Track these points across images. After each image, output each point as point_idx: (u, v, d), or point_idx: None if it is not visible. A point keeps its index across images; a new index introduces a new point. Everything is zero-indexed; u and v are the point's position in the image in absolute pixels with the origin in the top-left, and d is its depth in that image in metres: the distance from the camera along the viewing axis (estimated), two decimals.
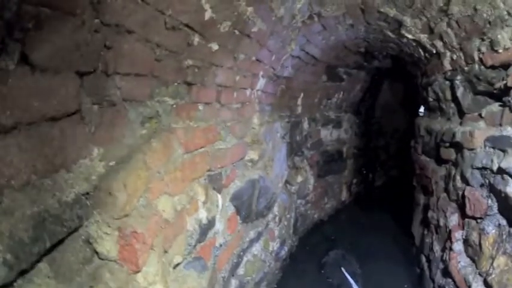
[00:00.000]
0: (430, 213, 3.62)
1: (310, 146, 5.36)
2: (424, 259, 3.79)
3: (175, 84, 1.88)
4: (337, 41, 4.11)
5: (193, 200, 2.09)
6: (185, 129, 1.97)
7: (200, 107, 2.19)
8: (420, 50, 3.52)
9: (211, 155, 2.33)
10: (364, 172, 7.72)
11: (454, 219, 2.85)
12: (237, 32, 2.23)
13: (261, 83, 3.19)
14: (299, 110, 4.82)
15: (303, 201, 5.27)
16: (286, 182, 4.54)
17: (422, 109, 5.16)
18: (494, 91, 2.31)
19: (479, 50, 2.35)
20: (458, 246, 2.67)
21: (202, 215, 2.19)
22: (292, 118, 4.58)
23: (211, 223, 2.33)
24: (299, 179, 4.99)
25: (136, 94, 1.60)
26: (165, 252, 1.76)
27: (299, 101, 4.75)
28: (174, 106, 1.90)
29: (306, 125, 5.16)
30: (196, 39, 1.87)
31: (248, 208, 3.00)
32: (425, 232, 3.84)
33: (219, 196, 2.46)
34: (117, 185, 1.35)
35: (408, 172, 5.13)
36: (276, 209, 3.85)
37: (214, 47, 2.08)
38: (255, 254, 3.31)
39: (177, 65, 1.85)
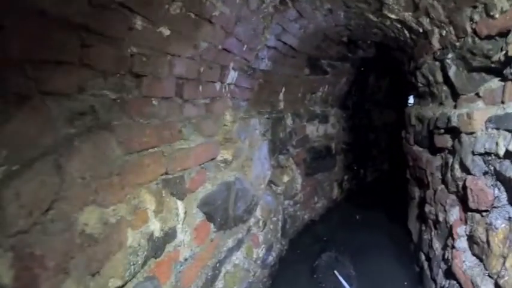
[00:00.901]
0: (427, 208, 3.33)
1: (295, 143, 5.07)
2: (423, 257, 3.52)
3: (118, 75, 1.57)
4: (317, 29, 3.87)
5: (139, 210, 1.75)
6: (129, 126, 1.64)
7: (155, 102, 1.87)
8: (405, 32, 3.29)
9: (168, 156, 1.99)
10: (355, 168, 7.49)
11: (454, 213, 2.56)
12: (193, 16, 1.93)
13: (233, 76, 2.88)
14: (281, 105, 4.54)
15: (291, 202, 4.99)
16: (271, 182, 4.24)
17: (411, 99, 4.97)
18: (492, 65, 2.02)
19: (471, 19, 2.06)
20: (461, 243, 2.37)
21: (154, 226, 1.85)
22: (273, 114, 4.28)
23: (169, 235, 2.01)
24: (285, 178, 4.70)
25: (60, 86, 1.29)
26: (93, 275, 1.44)
27: (281, 96, 4.47)
28: (118, 101, 1.58)
29: (289, 121, 4.86)
30: (138, 22, 1.57)
31: (224, 214, 2.68)
32: (423, 228, 3.58)
33: (180, 203, 2.12)
34: (8, 194, 1.04)
35: (400, 165, 4.96)
36: (258, 212, 3.52)
37: (165, 32, 1.77)
38: (236, 264, 3.00)
39: (116, 52, 1.54)
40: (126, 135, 1.63)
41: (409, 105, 4.90)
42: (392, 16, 3.02)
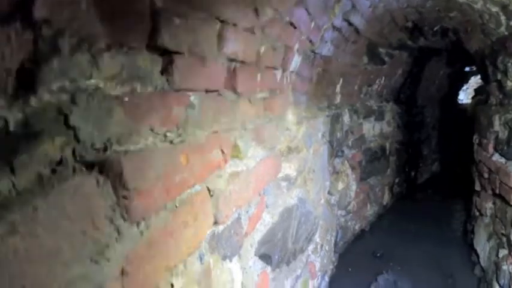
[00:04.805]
0: None
1: (351, 143, 4.33)
2: None
3: (124, 49, 0.84)
4: (386, 10, 3.34)
5: None
6: (145, 154, 0.87)
7: (193, 98, 1.11)
8: (502, 18, 2.76)
9: (218, 193, 1.21)
10: (407, 170, 6.71)
11: None
12: None
13: (296, 61, 2.14)
14: (338, 99, 3.81)
15: (343, 212, 4.27)
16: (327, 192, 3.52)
17: (463, 94, 4.32)
18: None
19: None
20: None
21: None
22: (332, 110, 3.55)
23: None
24: (340, 186, 3.97)
25: None
26: None
27: (338, 89, 3.73)
28: (124, 100, 0.84)
29: (346, 118, 4.11)
30: None
31: (283, 248, 1.96)
32: (502, 255, 3.12)
33: (235, 265, 1.34)
34: None
35: (454, 168, 4.89)
36: (317, 234, 2.78)
37: None
38: None
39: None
40: (139, 177, 0.84)
41: (460, 101, 4.25)
42: None
